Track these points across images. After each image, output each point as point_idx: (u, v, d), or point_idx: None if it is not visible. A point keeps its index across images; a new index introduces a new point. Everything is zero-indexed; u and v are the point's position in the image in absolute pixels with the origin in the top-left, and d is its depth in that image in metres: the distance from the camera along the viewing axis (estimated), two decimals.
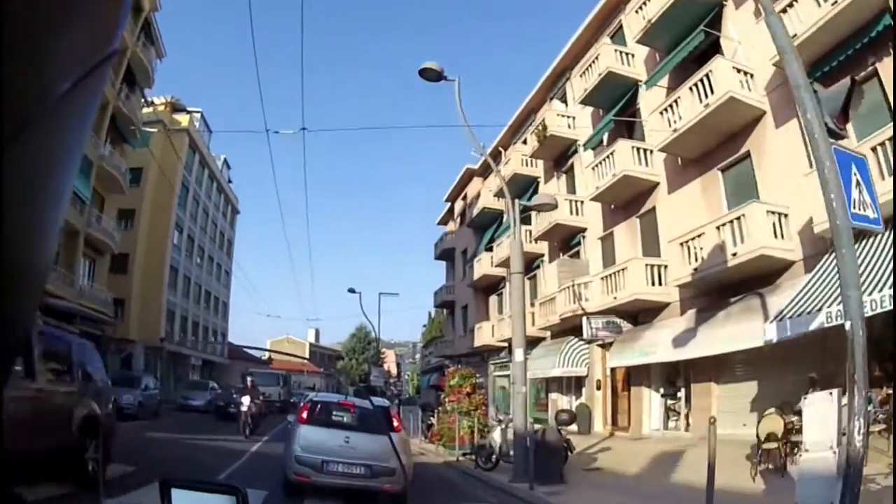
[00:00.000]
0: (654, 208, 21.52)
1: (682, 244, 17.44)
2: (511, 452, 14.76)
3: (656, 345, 18.79)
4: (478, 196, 37.43)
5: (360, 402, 10.55)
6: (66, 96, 0.58)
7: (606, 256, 24.27)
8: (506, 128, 35.16)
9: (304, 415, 10.30)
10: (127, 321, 40.49)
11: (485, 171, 38.40)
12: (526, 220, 27.17)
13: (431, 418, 24.78)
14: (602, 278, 21.75)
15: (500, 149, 35.48)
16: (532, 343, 27.72)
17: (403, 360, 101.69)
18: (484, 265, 34.73)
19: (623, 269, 20.60)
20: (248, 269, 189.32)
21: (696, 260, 16.90)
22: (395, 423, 10.89)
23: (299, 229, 60.20)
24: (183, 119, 48.77)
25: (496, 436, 16.44)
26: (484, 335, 33.90)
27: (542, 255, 29.63)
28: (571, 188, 27.60)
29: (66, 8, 0.56)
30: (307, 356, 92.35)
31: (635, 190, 21.76)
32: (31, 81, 0.54)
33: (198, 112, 52.91)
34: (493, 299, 37.18)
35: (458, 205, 45.28)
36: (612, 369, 23.26)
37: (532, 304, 27.00)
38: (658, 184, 21.20)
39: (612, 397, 23.89)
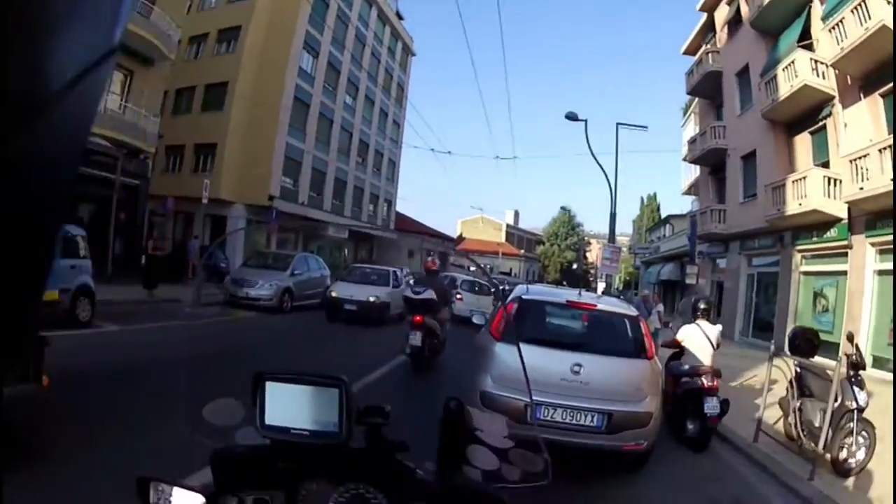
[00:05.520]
0: None
1: None
2: None
3: None
4: None
5: (601, 302, 7.93)
6: (67, 95, 0.60)
7: None
8: None
9: (502, 326, 7.25)
10: (218, 174, 31.88)
11: None
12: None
13: None
14: None
15: None
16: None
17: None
18: (802, 69, 21.18)
19: None
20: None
21: None
22: (648, 345, 7.28)
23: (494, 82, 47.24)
24: None
25: None
26: (810, 191, 20.29)
27: None
28: None
29: (66, 6, 0.58)
30: (503, 239, 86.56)
31: None
32: (31, 80, 0.56)
33: None
34: (802, 140, 23.65)
35: (721, 12, 31.52)
36: None
37: None
38: None
39: None
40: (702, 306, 10.04)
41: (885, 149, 16.57)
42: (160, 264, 21.37)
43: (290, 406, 1.72)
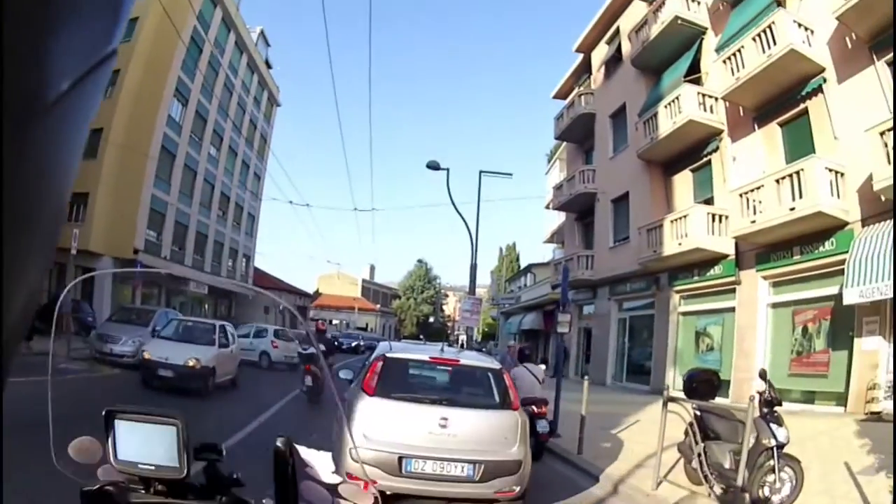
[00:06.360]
0: None
1: None
2: None
3: None
4: (660, 6, 23.55)
5: (463, 356, 8.31)
6: (66, 96, 0.61)
7: None
8: None
9: (373, 382, 7.34)
10: (89, 225, 30.06)
11: None
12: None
13: None
14: None
15: None
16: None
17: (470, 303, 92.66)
18: (687, 105, 21.09)
19: None
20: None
21: None
22: (512, 396, 7.67)
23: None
24: None
25: None
26: (692, 229, 20.26)
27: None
28: None
29: (66, 8, 0.58)
30: (359, 294, 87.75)
31: None
32: (31, 81, 0.56)
33: None
34: (682, 179, 23.69)
35: (599, 52, 31.52)
36: None
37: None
38: None
39: None
40: (527, 353, 13.79)
41: (782, 179, 16.31)
42: (35, 316, 19.72)
43: (136, 442, 1.78)
